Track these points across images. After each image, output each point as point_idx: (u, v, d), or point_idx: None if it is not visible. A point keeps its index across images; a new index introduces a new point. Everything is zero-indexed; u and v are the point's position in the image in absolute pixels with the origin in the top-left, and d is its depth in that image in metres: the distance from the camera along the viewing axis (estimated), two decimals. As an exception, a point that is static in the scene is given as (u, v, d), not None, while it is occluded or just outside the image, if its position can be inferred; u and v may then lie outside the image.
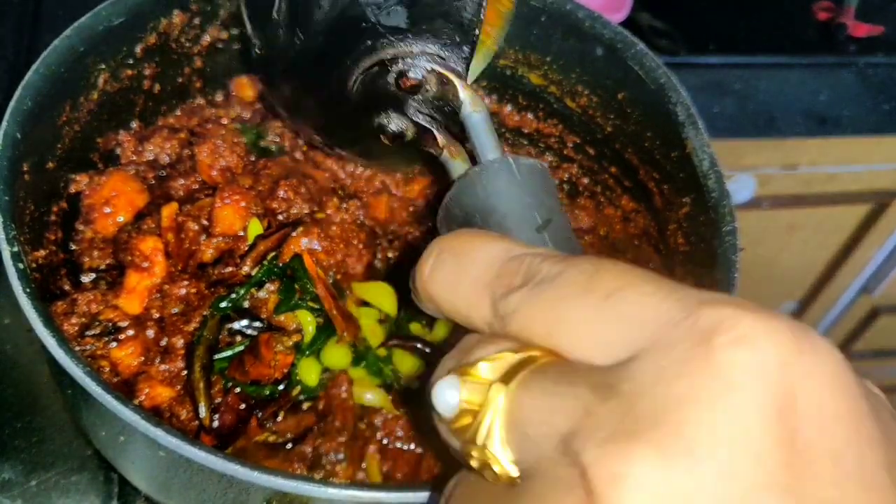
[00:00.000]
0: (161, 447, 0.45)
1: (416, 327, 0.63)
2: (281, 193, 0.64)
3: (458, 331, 0.31)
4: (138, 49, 0.65)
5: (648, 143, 0.68)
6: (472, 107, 0.45)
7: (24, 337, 0.69)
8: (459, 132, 0.49)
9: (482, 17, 0.48)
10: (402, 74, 0.48)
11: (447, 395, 0.26)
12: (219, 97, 0.76)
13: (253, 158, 0.69)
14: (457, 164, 0.47)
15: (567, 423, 0.23)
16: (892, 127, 1.09)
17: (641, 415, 0.22)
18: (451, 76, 0.47)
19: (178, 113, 0.73)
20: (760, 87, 1.10)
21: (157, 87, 0.69)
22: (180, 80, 0.72)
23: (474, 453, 0.26)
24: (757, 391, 0.22)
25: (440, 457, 0.55)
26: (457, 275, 0.30)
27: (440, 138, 0.49)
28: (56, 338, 0.46)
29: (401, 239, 0.69)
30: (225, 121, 0.73)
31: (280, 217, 0.65)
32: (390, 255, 0.68)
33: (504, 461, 0.25)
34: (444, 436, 0.28)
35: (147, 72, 0.68)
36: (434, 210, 0.70)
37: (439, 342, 0.62)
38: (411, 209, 0.71)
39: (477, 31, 0.48)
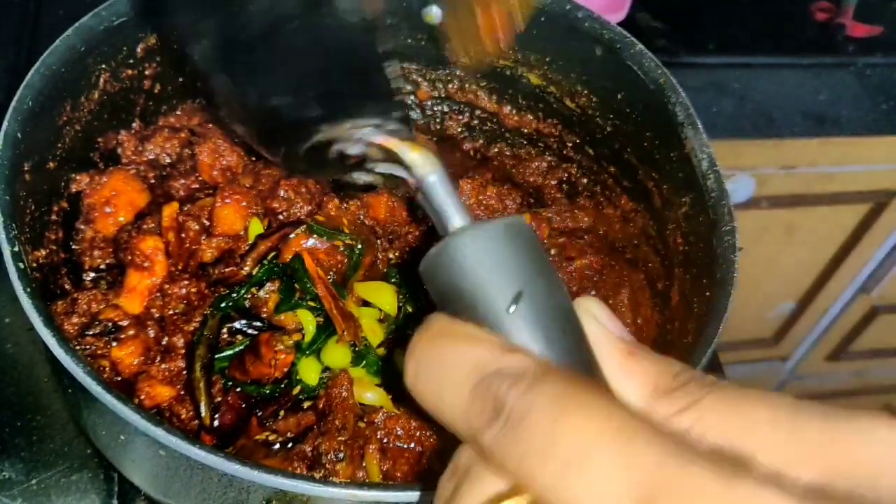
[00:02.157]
0: (161, 446, 0.45)
1: (416, 327, 0.63)
2: (282, 193, 0.64)
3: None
4: (139, 49, 0.65)
5: (647, 143, 0.68)
6: (422, 168, 0.38)
7: (25, 336, 0.69)
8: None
9: (402, 84, 0.44)
10: (342, 154, 0.44)
11: None
12: (219, 97, 0.76)
13: (254, 158, 0.69)
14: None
15: None
16: (890, 127, 1.09)
17: None
18: (390, 144, 0.41)
19: (179, 112, 0.73)
20: (759, 87, 1.10)
21: (157, 87, 0.70)
22: (181, 79, 0.72)
23: None
24: None
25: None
26: (439, 386, 0.31)
27: (412, 180, 0.43)
28: (57, 337, 0.46)
29: (401, 239, 0.69)
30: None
31: (280, 217, 0.65)
32: (391, 255, 0.68)
33: None
34: None
35: (148, 72, 0.68)
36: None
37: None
38: (411, 209, 0.71)
39: (404, 92, 0.44)
